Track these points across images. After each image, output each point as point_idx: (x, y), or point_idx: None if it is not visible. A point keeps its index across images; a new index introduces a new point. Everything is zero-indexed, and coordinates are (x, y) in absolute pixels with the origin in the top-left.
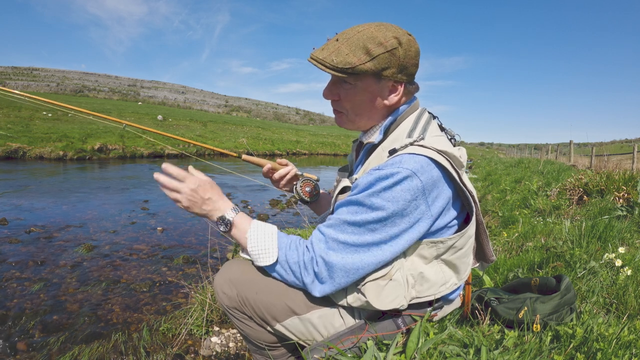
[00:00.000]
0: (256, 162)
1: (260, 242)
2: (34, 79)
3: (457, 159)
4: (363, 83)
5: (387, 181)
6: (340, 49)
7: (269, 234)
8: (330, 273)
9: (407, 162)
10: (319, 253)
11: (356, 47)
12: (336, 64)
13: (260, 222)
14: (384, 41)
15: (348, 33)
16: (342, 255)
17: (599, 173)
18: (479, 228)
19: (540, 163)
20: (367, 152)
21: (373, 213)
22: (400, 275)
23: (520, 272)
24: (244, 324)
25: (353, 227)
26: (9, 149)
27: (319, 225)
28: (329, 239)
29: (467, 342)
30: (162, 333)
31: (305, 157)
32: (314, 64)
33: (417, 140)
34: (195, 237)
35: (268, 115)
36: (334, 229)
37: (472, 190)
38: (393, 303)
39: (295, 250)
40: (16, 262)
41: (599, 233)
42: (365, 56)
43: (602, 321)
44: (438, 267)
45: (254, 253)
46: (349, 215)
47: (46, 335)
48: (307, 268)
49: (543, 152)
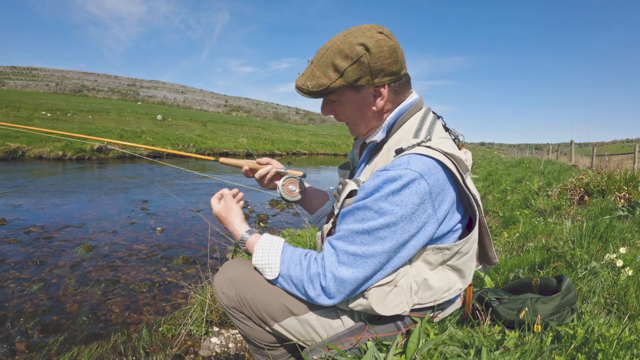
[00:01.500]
0: (234, 163)
1: (265, 256)
2: (33, 79)
3: (462, 162)
4: (345, 97)
5: (394, 184)
6: (314, 72)
7: (274, 248)
8: (340, 287)
9: (414, 163)
10: (329, 268)
11: (325, 66)
12: (311, 88)
13: (269, 236)
14: (350, 52)
15: (320, 52)
16: (352, 270)
17: (600, 173)
18: (482, 231)
19: (541, 163)
20: (370, 151)
21: (381, 219)
22: (405, 282)
23: (521, 273)
24: (243, 323)
25: (362, 236)
26: (8, 148)
27: (329, 238)
28: (340, 252)
29: (467, 343)
30: (161, 333)
31: (305, 157)
32: (297, 92)
33: (424, 140)
34: (195, 237)
35: (268, 115)
36: (343, 240)
37: (476, 193)
38: (396, 309)
39: (298, 265)
40: (15, 262)
41: (600, 233)
42: (334, 74)
43: (603, 322)
44: (443, 273)
45: (259, 267)
46: (357, 224)
47: (45, 335)
48: (313, 282)
49: (544, 152)
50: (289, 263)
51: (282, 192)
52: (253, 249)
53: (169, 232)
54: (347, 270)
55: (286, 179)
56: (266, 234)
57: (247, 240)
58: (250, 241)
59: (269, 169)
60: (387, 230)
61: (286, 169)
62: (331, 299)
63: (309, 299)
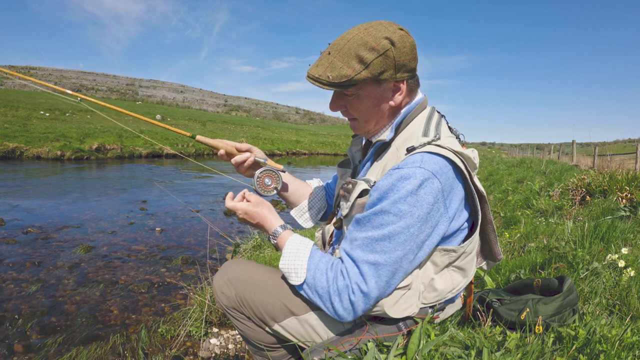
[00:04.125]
0: (209, 143)
1: (292, 260)
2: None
3: (471, 160)
4: (364, 91)
5: (409, 183)
6: (334, 63)
7: (301, 251)
8: (366, 300)
9: (427, 162)
10: (354, 280)
11: (349, 57)
12: (332, 79)
13: (298, 237)
14: (375, 45)
15: (339, 43)
16: (375, 280)
17: (601, 173)
18: (488, 227)
19: (543, 163)
20: (376, 150)
21: (401, 222)
22: (416, 284)
23: (522, 273)
24: (243, 324)
25: (382, 243)
26: (6, 148)
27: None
28: (361, 262)
29: (468, 344)
30: (160, 335)
31: (305, 157)
32: (311, 82)
33: (434, 139)
34: (194, 237)
35: (268, 115)
36: (362, 250)
37: (483, 191)
38: (407, 311)
39: (324, 274)
40: (13, 263)
41: (602, 234)
42: (359, 65)
43: (604, 323)
44: (448, 274)
45: (285, 271)
46: (376, 231)
47: (44, 336)
48: (341, 295)
49: (545, 151)
50: (315, 271)
51: (257, 184)
52: (282, 246)
53: (168, 233)
54: (371, 282)
55: (263, 171)
56: (295, 234)
57: (280, 235)
58: (282, 237)
59: (246, 157)
60: (406, 234)
61: (266, 160)
62: (356, 314)
63: (333, 309)
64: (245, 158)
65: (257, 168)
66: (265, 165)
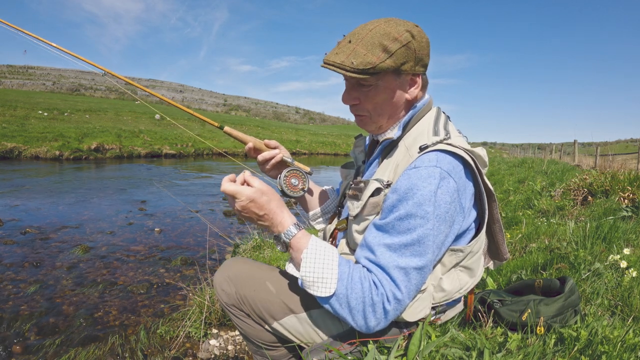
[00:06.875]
0: (238, 136)
1: (318, 268)
2: (30, 78)
3: (481, 158)
4: (384, 81)
5: (430, 183)
6: (356, 50)
7: (329, 259)
8: (399, 306)
9: (442, 161)
10: (388, 288)
11: (372, 45)
12: (356, 65)
13: (319, 242)
14: (398, 36)
15: (360, 33)
16: (405, 285)
17: (603, 173)
18: (496, 227)
19: (544, 163)
20: (383, 149)
21: (428, 224)
22: (429, 285)
23: (523, 274)
24: (243, 322)
25: (412, 247)
26: (4, 148)
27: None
28: (391, 269)
29: (469, 345)
30: (159, 336)
31: (305, 156)
32: (331, 69)
33: (445, 138)
34: (194, 238)
35: (267, 115)
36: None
37: (492, 188)
38: (421, 314)
39: (359, 284)
40: (11, 263)
41: (604, 234)
42: (383, 54)
43: (606, 323)
44: (455, 275)
45: (308, 280)
46: (404, 236)
47: (42, 337)
48: (375, 305)
49: (547, 151)
50: (348, 281)
51: (283, 184)
52: (300, 251)
53: (167, 233)
54: (404, 288)
55: (290, 170)
56: (314, 237)
57: (295, 236)
58: (298, 239)
59: (275, 154)
60: (432, 235)
61: (292, 160)
62: (386, 322)
63: (365, 324)
64: (273, 155)
65: (283, 168)
66: (293, 165)
